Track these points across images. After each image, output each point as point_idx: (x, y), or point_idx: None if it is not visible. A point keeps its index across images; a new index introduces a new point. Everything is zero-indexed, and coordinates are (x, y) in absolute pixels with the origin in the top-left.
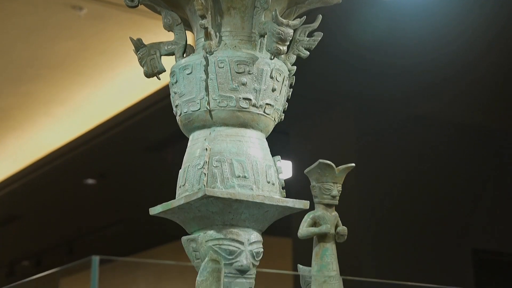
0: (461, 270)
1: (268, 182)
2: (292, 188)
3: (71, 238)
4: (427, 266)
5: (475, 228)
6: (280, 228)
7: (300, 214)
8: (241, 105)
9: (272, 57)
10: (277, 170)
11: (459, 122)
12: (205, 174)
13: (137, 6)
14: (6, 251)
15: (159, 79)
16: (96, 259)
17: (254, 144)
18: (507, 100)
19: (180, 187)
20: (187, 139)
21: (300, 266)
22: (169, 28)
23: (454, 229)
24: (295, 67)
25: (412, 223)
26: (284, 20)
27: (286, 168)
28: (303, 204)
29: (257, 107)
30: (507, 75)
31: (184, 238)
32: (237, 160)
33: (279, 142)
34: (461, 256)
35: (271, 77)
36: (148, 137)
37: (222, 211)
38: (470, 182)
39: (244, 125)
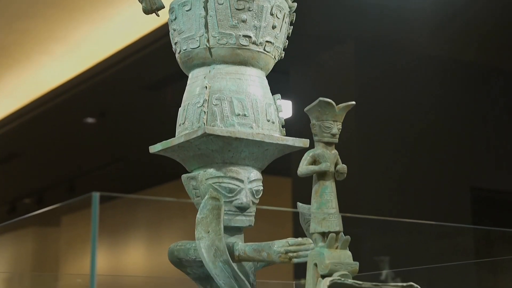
0: (459, 207)
1: (268, 121)
2: (292, 127)
3: (72, 176)
4: (425, 203)
5: (473, 166)
6: (279, 168)
7: (300, 153)
8: (241, 43)
9: None
10: (277, 109)
11: (460, 59)
12: (205, 112)
13: None
14: (7, 189)
15: (158, 15)
16: (96, 195)
17: (254, 82)
18: (506, 38)
19: (180, 125)
20: (187, 77)
21: (299, 204)
22: None
23: (452, 168)
24: (295, 4)
25: (411, 161)
26: None
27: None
28: (302, 142)
29: (257, 45)
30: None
31: (184, 176)
32: (237, 98)
33: (279, 81)
34: (459, 194)
35: (271, 14)
36: (148, 76)
37: (222, 149)
38: (469, 121)
39: (244, 63)
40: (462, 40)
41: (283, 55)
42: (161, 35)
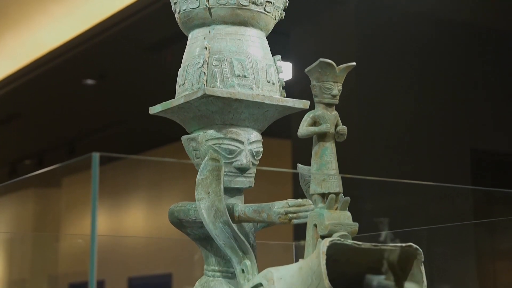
0: (458, 169)
1: (268, 82)
2: (292, 89)
3: (72, 138)
4: (425, 165)
5: (473, 128)
6: (279, 130)
7: (300, 115)
8: (241, 3)
9: None
10: (277, 70)
11: (464, 20)
12: (204, 73)
13: None
14: (7, 150)
15: None
16: (96, 155)
17: (254, 43)
18: None
19: (179, 86)
20: (187, 38)
21: (299, 165)
22: None
23: (452, 130)
24: None
25: (411, 123)
26: None
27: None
28: (303, 103)
29: (257, 5)
30: None
31: (184, 137)
32: (237, 59)
33: (279, 43)
34: (459, 156)
35: None
36: (148, 37)
37: (222, 111)
38: (469, 83)
39: (244, 23)
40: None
41: (283, 15)
42: None
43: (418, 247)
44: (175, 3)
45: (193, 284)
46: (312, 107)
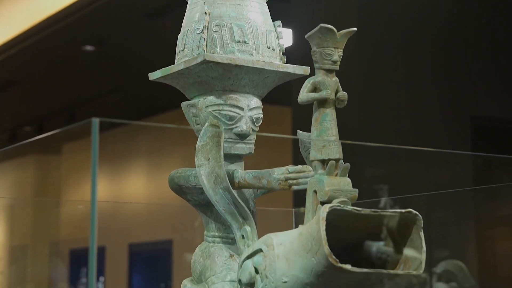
0: (458, 136)
1: (268, 48)
2: (292, 56)
3: (72, 104)
4: (425, 132)
5: (473, 95)
6: (279, 97)
7: (300, 81)
8: None
9: None
10: (277, 36)
11: None
12: (204, 39)
13: None
14: (7, 117)
15: None
16: (96, 121)
17: (254, 8)
18: None
19: (179, 52)
20: (186, 4)
21: (299, 132)
22: None
23: (452, 97)
24: None
25: (411, 89)
26: None
27: (286, 36)
28: (303, 70)
29: None
30: None
31: (184, 104)
32: (237, 25)
33: (279, 9)
34: (459, 123)
35: None
36: (148, 3)
37: (222, 77)
38: (470, 49)
39: None
40: None
41: None
42: None
43: (417, 213)
44: None
45: (193, 250)
46: (312, 73)
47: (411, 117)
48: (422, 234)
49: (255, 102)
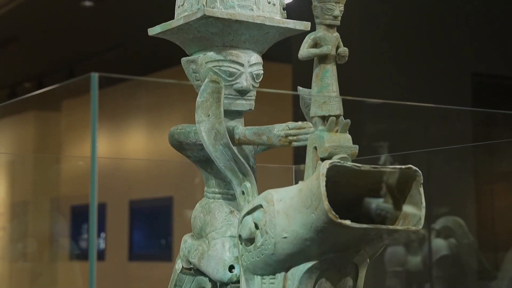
0: (459, 93)
1: (269, 3)
2: (293, 11)
3: (71, 61)
4: (426, 88)
5: (474, 52)
6: (280, 53)
7: (301, 37)
8: None
9: None
10: None
11: None
12: None
13: None
14: (6, 73)
15: None
16: (95, 75)
17: None
18: None
19: (179, 7)
20: None
21: (300, 88)
22: None
23: (453, 53)
24: None
25: (412, 45)
26: None
27: None
28: (303, 25)
29: None
30: None
31: (183, 59)
32: None
33: None
34: (460, 80)
35: None
36: None
37: (222, 32)
38: (470, 5)
39: None
40: None
41: None
42: None
43: (417, 169)
44: None
45: (194, 207)
46: (313, 28)
47: (411, 74)
48: (421, 190)
49: (256, 58)
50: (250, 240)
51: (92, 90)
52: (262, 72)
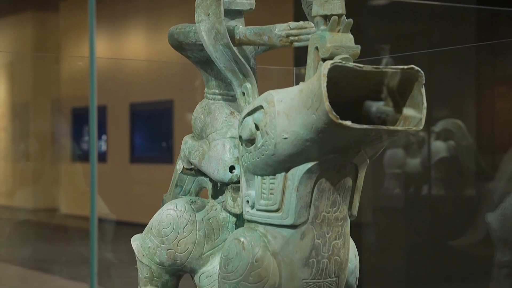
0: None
1: None
2: None
3: None
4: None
5: None
6: None
7: None
8: None
9: None
10: None
11: None
12: None
13: None
14: None
15: None
16: None
17: None
18: None
19: None
20: None
21: None
22: None
23: None
24: None
25: None
26: None
27: None
28: None
29: None
30: None
31: None
32: None
33: None
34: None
35: None
36: None
37: None
38: None
39: None
40: None
41: None
42: None
43: (419, 69)
44: None
45: (194, 109)
46: None
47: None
48: (423, 90)
49: None
50: (251, 141)
51: None
52: None
